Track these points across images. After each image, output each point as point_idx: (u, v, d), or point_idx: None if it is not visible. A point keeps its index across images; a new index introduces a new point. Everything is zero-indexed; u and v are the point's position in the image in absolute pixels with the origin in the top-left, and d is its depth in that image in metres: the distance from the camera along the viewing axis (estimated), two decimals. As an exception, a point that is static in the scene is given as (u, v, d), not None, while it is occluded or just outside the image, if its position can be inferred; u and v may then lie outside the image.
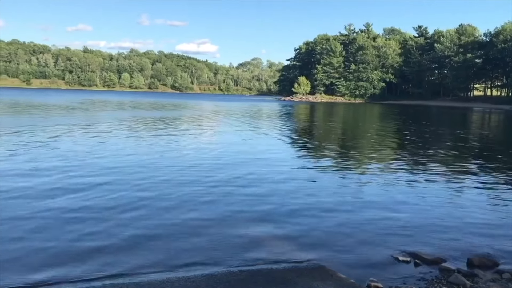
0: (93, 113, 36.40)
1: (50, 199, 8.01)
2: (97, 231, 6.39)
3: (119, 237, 6.18)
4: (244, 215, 7.41)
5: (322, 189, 9.67)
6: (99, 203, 7.87)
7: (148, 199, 8.25)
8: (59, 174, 10.20)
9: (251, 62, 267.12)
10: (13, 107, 40.47)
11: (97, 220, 6.87)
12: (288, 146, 18.37)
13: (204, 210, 7.64)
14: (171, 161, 12.59)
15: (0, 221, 6.60)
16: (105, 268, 5.16)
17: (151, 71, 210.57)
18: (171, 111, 44.10)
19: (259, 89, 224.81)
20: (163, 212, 7.45)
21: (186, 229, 6.61)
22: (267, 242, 6.20)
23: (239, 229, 6.67)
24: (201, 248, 5.87)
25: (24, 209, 7.32)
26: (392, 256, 5.80)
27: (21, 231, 6.27)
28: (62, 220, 6.82)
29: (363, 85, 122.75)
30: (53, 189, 8.74)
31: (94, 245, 5.84)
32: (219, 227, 6.73)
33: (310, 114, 50.78)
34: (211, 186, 9.52)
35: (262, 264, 5.42)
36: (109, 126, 23.48)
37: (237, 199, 8.48)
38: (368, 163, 13.92)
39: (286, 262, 5.51)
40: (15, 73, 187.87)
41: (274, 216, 7.45)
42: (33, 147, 14.44)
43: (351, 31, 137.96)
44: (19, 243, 5.83)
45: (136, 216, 7.17)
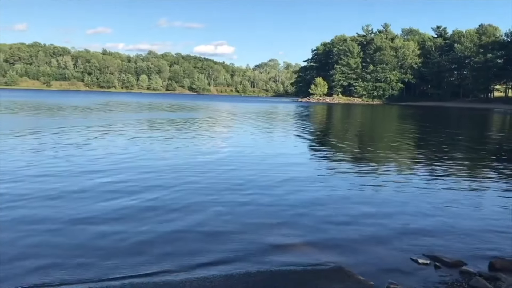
0: (119, 115, 36.78)
1: (85, 200, 8.15)
2: (116, 231, 6.45)
3: (138, 238, 6.23)
4: (261, 218, 7.41)
5: (338, 191, 9.61)
6: (117, 205, 7.95)
7: (166, 200, 8.31)
8: (99, 174, 10.39)
9: (268, 64, 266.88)
10: (40, 108, 41.17)
11: (117, 222, 6.95)
12: (305, 148, 18.31)
13: (222, 212, 7.66)
14: (191, 162, 12.66)
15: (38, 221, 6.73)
16: (124, 268, 5.21)
17: (168, 73, 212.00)
18: (191, 112, 44.30)
19: (276, 90, 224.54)
20: (181, 213, 7.49)
21: (205, 230, 6.63)
22: (285, 243, 6.18)
23: (258, 231, 6.67)
24: (219, 249, 5.88)
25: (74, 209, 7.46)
26: (411, 258, 5.73)
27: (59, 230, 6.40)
28: (88, 219, 6.93)
29: (381, 86, 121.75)
30: (93, 188, 8.91)
31: (113, 246, 5.91)
32: (237, 229, 6.74)
33: (328, 116, 50.55)
34: (230, 188, 9.53)
35: (280, 265, 5.41)
36: (140, 127, 23.76)
37: (256, 201, 8.47)
38: (386, 165, 13.80)
39: (304, 264, 5.49)
40: (35, 75, 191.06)
41: (291, 218, 7.42)
42: (74, 148, 14.74)
43: (368, 32, 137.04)
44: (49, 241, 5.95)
45: (155, 217, 7.23)
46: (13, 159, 12.28)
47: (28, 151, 13.79)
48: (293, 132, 24.36)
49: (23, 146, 15.00)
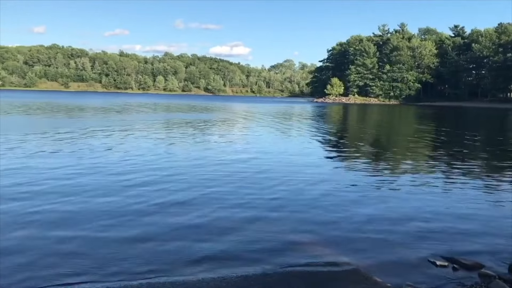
0: (139, 116, 37.14)
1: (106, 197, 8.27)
2: (134, 232, 6.53)
3: (155, 238, 6.30)
4: (278, 218, 7.42)
5: (354, 192, 9.57)
6: (129, 204, 8.04)
7: (185, 200, 8.38)
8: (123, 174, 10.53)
9: (283, 64, 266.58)
10: (63, 110, 41.82)
11: (134, 221, 7.03)
12: (322, 149, 18.24)
13: (239, 212, 7.69)
14: (213, 164, 12.73)
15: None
16: (141, 268, 5.27)
17: (184, 74, 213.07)
18: (208, 113, 44.42)
19: (291, 90, 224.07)
20: (197, 213, 7.54)
21: (222, 231, 6.67)
22: (301, 244, 6.19)
23: (275, 232, 6.68)
24: (236, 250, 5.91)
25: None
26: (429, 260, 5.68)
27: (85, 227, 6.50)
28: (101, 217, 7.03)
29: (397, 86, 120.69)
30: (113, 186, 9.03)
31: (130, 246, 5.98)
32: (254, 229, 6.76)
33: (345, 116, 50.30)
34: (248, 188, 9.59)
35: (297, 266, 5.41)
36: (160, 129, 23.98)
37: (272, 202, 8.50)
38: (403, 166, 13.69)
39: (321, 265, 5.49)
40: (54, 77, 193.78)
41: (308, 219, 7.42)
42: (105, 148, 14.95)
43: (385, 32, 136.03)
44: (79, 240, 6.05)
45: (171, 216, 7.29)
46: (48, 160, 12.50)
47: (49, 153, 14.04)
48: (310, 133, 24.30)
49: (57, 147, 15.29)
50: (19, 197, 8.24)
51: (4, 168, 10.92)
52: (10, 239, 6.07)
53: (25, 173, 10.44)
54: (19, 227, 6.58)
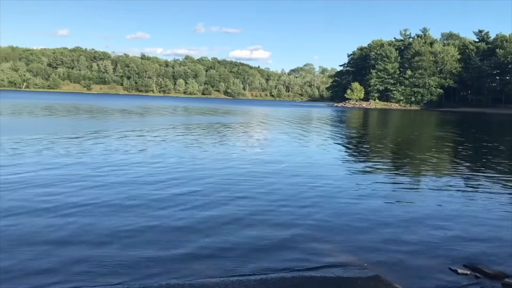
0: (163, 118, 37.57)
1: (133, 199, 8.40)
2: (155, 237, 6.61)
3: (177, 242, 6.35)
4: (298, 222, 7.42)
5: (374, 197, 9.51)
6: (166, 211, 8.12)
7: (207, 203, 8.46)
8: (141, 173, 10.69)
9: (303, 68, 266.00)
10: (91, 111, 42.56)
11: (152, 227, 7.11)
12: (342, 154, 18.16)
13: (258, 216, 7.72)
14: (237, 169, 12.79)
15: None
16: (161, 271, 5.31)
17: (205, 77, 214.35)
18: (230, 116, 44.67)
19: (311, 95, 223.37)
20: (218, 217, 7.59)
21: (241, 235, 6.70)
22: (321, 249, 6.17)
23: (293, 235, 6.69)
24: (255, 253, 5.93)
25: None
26: (450, 268, 5.61)
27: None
28: (122, 221, 7.13)
29: (419, 91, 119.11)
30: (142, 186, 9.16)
31: (149, 250, 6.04)
32: (272, 233, 6.77)
33: (365, 121, 49.87)
34: (267, 193, 9.61)
35: (316, 270, 5.40)
36: (184, 132, 24.21)
37: (291, 206, 8.51)
38: (424, 173, 13.55)
39: (341, 269, 5.46)
40: (77, 79, 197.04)
41: (327, 224, 7.41)
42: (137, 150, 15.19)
43: (406, 36, 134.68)
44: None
45: (193, 221, 7.35)
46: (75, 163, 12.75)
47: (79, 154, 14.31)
48: (331, 138, 24.20)
49: (86, 148, 15.60)
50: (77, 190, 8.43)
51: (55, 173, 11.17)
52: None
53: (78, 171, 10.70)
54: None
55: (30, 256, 5.58)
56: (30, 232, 6.43)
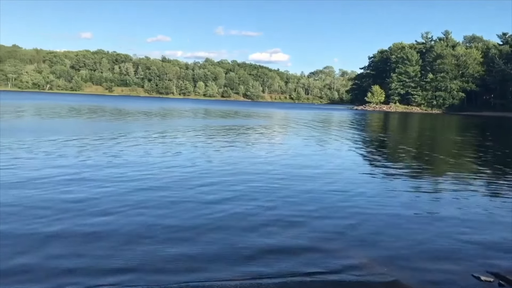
0: (187, 121, 37.89)
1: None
2: (174, 237, 6.69)
3: (200, 242, 6.44)
4: (317, 226, 7.41)
5: (394, 202, 9.44)
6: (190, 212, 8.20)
7: (227, 207, 8.52)
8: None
9: (323, 71, 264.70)
10: (119, 113, 43.19)
11: (172, 228, 7.19)
12: (362, 157, 18.04)
13: (278, 219, 7.74)
14: (253, 170, 12.87)
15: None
16: (180, 273, 5.37)
17: (224, 80, 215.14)
18: (251, 119, 44.69)
19: (331, 97, 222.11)
20: (235, 220, 7.65)
21: (260, 237, 6.72)
22: (340, 253, 6.16)
23: (313, 239, 6.69)
24: (274, 256, 5.95)
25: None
26: (473, 275, 5.53)
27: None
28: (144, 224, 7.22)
29: (441, 95, 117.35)
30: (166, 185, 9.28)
31: (171, 251, 6.12)
32: (292, 237, 6.78)
33: (387, 124, 49.34)
34: (287, 196, 9.64)
35: (336, 274, 5.38)
36: (206, 134, 24.40)
37: (311, 210, 8.51)
38: (445, 179, 13.35)
39: (360, 274, 5.44)
40: (99, 81, 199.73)
41: (347, 228, 7.38)
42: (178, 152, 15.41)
43: (428, 39, 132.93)
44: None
45: (214, 223, 7.42)
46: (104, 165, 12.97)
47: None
48: (351, 141, 24.02)
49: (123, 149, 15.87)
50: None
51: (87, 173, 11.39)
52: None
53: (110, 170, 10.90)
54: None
55: (108, 249, 5.91)
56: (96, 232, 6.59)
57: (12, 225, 6.83)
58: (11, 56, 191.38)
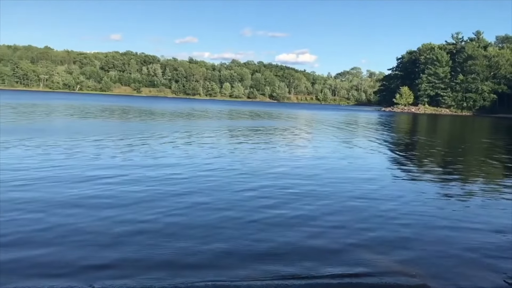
0: (218, 122, 38.24)
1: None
2: (214, 237, 6.74)
3: (224, 244, 6.45)
4: (344, 228, 7.36)
5: (424, 205, 9.28)
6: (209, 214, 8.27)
7: (254, 207, 8.55)
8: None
9: (350, 72, 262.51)
10: (155, 114, 43.94)
11: (203, 226, 7.25)
12: (391, 159, 17.79)
13: (306, 219, 7.73)
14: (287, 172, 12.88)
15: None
16: (210, 271, 5.42)
17: (250, 81, 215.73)
18: (284, 121, 44.63)
19: (358, 99, 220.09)
20: (258, 220, 7.66)
21: (286, 237, 6.72)
22: (368, 256, 6.09)
23: (340, 241, 6.65)
24: (299, 257, 5.93)
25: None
26: (504, 281, 5.40)
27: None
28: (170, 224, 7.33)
29: (471, 96, 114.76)
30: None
31: (205, 249, 6.18)
32: (319, 238, 6.75)
33: (416, 127, 48.56)
34: (314, 196, 9.61)
35: (363, 277, 5.34)
36: (235, 135, 24.59)
37: (339, 212, 8.46)
38: (476, 181, 13.06)
39: (388, 277, 5.38)
40: (127, 82, 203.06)
41: (375, 231, 7.30)
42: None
43: (458, 40, 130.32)
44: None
45: (239, 224, 7.45)
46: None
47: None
48: (381, 145, 23.73)
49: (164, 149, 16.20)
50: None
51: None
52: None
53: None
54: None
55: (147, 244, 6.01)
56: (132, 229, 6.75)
57: (76, 218, 7.20)
58: (43, 58, 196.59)
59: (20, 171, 10.82)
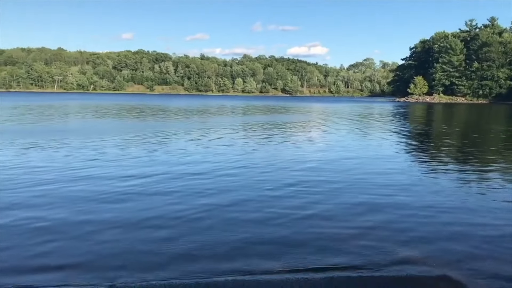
0: (234, 118, 38.35)
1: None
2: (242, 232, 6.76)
3: (246, 235, 6.47)
4: (364, 220, 7.33)
5: (443, 196, 9.19)
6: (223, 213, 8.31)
7: (276, 202, 8.56)
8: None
9: (363, 63, 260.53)
10: (171, 111, 44.27)
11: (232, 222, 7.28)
12: (409, 152, 17.65)
13: (321, 213, 7.70)
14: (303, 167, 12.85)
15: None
16: (231, 265, 5.43)
17: (262, 75, 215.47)
18: (301, 114, 44.65)
19: (371, 90, 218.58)
20: (282, 214, 7.64)
21: (306, 233, 6.70)
22: (388, 247, 6.04)
23: (359, 233, 6.62)
24: (321, 251, 5.91)
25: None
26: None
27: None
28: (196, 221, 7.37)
29: (487, 84, 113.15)
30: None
31: (237, 241, 6.25)
32: (338, 230, 6.73)
33: (431, 116, 48.02)
34: (333, 189, 9.58)
35: (383, 269, 5.30)
36: (247, 131, 24.62)
37: (358, 204, 8.41)
38: (496, 171, 12.88)
39: (408, 268, 5.34)
40: (140, 80, 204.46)
41: (394, 222, 7.26)
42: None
43: (472, 27, 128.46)
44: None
45: (261, 217, 7.44)
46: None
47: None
48: (399, 136, 23.53)
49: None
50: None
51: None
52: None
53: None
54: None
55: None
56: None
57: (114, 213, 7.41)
58: (57, 59, 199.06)
59: (47, 173, 10.98)
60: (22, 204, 7.93)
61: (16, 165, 11.93)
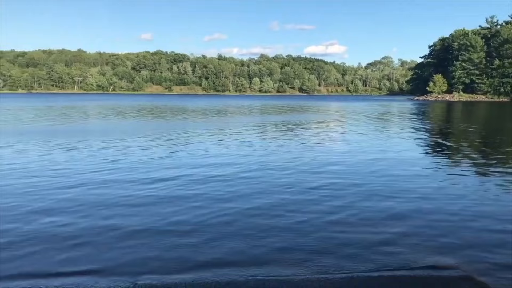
0: (257, 117, 38.51)
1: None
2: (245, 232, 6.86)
3: (271, 240, 6.53)
4: (385, 220, 7.34)
5: (466, 196, 9.11)
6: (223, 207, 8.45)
7: (290, 201, 8.64)
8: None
9: (381, 61, 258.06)
10: (193, 112, 44.66)
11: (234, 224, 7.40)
12: (430, 152, 17.53)
13: (341, 212, 7.75)
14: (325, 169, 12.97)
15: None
16: (247, 263, 5.52)
17: (279, 75, 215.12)
18: (322, 114, 44.43)
19: (390, 88, 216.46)
20: (297, 214, 7.72)
21: (324, 231, 6.76)
22: (410, 248, 6.04)
23: (381, 235, 6.64)
24: (339, 250, 5.96)
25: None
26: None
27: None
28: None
29: (509, 81, 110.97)
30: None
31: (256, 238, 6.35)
32: (360, 232, 6.75)
33: (452, 115, 47.35)
34: (358, 193, 9.59)
35: (405, 270, 5.33)
36: (269, 130, 24.76)
37: (381, 205, 8.42)
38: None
39: (431, 269, 5.34)
40: (158, 81, 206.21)
41: (417, 222, 7.24)
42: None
43: (493, 24, 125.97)
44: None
45: (284, 222, 7.49)
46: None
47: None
48: (419, 136, 23.38)
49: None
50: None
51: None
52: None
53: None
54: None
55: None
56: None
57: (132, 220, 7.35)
58: (77, 60, 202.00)
59: (77, 175, 11.26)
60: (47, 209, 8.02)
61: (41, 167, 12.21)
